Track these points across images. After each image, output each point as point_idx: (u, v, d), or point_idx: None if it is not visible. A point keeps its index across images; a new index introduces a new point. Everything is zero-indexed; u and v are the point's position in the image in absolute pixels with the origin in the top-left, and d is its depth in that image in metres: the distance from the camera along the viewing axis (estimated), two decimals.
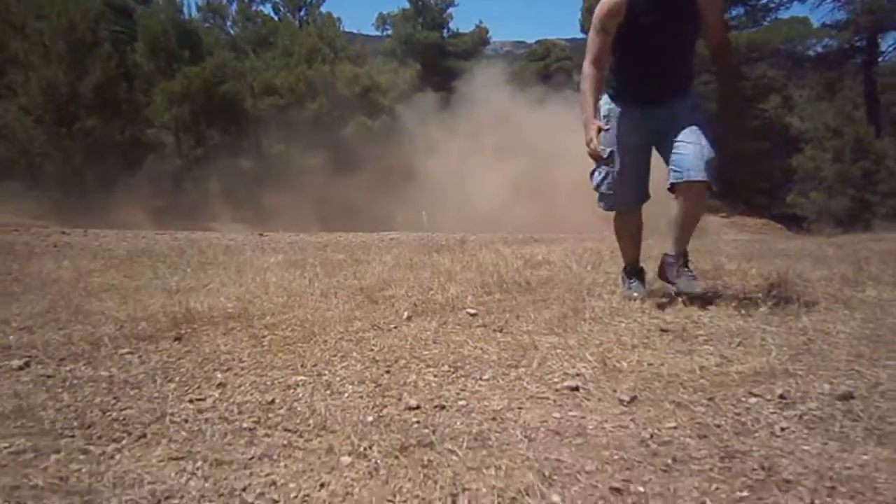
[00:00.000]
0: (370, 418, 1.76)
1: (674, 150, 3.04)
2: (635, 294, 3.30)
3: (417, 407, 1.84)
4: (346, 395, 1.97)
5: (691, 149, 2.99)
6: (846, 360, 2.14)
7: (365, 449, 1.55)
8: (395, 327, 2.80)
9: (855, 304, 3.03)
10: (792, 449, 1.52)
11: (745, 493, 1.35)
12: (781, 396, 1.82)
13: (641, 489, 1.38)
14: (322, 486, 1.40)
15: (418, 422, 1.74)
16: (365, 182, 18.89)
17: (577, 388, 1.96)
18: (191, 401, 1.94)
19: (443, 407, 1.84)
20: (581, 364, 2.18)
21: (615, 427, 1.67)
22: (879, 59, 24.81)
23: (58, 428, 1.72)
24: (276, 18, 25.23)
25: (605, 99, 3.27)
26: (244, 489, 1.39)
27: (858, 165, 18.88)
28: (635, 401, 1.84)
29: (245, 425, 1.73)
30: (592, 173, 3.32)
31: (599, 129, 2.97)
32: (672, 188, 3.08)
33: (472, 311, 3.01)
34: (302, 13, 25.64)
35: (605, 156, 3.07)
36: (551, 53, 35.02)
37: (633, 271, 3.52)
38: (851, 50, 24.34)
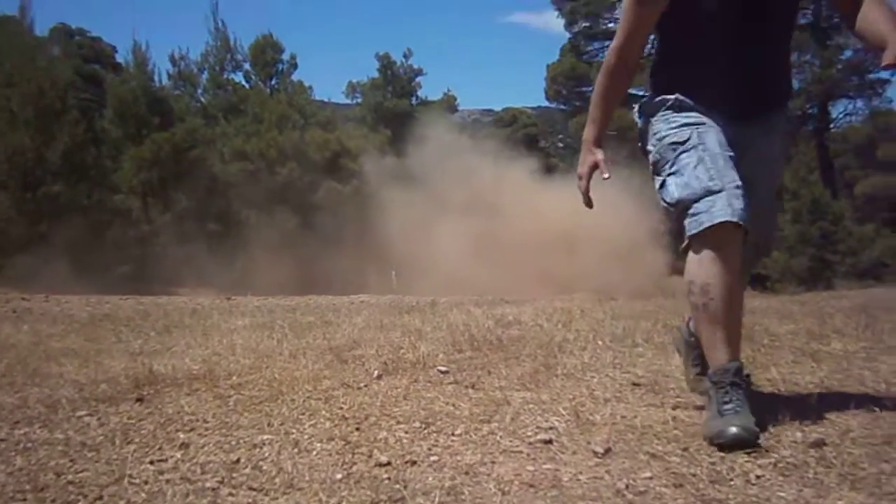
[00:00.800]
0: (339, 475, 1.71)
1: None
2: (737, 430, 1.79)
3: (388, 463, 1.79)
4: (315, 452, 1.91)
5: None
6: (816, 410, 2.15)
7: None
8: (365, 385, 2.75)
9: (821, 356, 3.07)
10: (768, 496, 1.50)
11: None
12: (755, 445, 1.81)
13: None
14: None
15: (389, 478, 1.69)
16: (335, 246, 18.87)
17: (550, 441, 1.93)
18: (151, 462, 1.86)
19: (414, 462, 1.80)
20: (554, 418, 2.16)
21: (590, 478, 1.64)
22: (831, 126, 25.97)
23: (9, 491, 1.64)
24: (246, 86, 25.54)
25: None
26: None
27: (817, 226, 19.46)
28: (609, 452, 1.82)
29: (208, 485, 1.66)
30: (670, 172, 2.04)
31: (595, 166, 2.16)
32: None
33: (444, 369, 2.98)
34: (273, 82, 25.99)
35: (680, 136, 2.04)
36: (518, 120, 35.92)
37: (734, 378, 1.94)
38: (804, 117, 25.45)
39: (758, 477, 1.61)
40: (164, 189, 20.47)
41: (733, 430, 1.78)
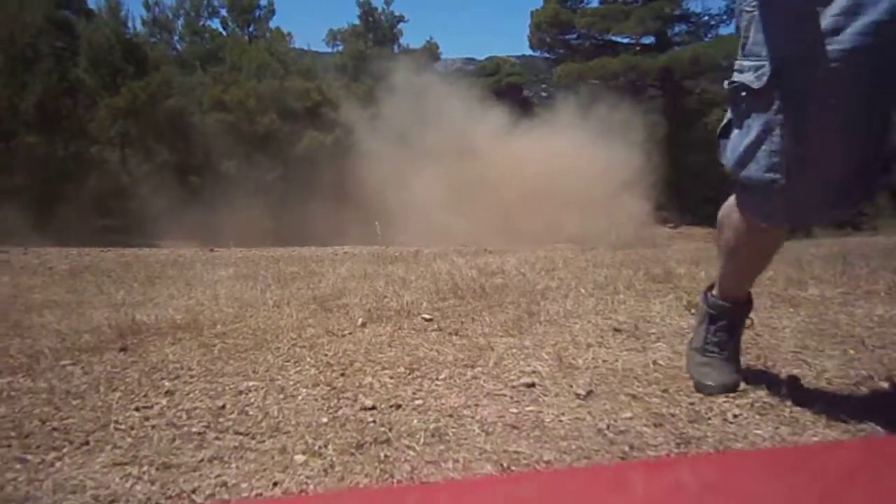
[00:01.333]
0: (325, 419, 1.73)
1: None
2: (722, 378, 1.81)
3: (373, 407, 1.81)
4: (300, 398, 1.93)
5: None
6: (793, 352, 2.20)
7: (320, 448, 1.52)
8: (350, 333, 2.76)
9: (799, 301, 3.12)
10: (745, 433, 1.54)
11: None
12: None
13: None
14: (275, 484, 1.36)
15: (374, 421, 1.71)
16: (318, 197, 18.74)
17: (533, 385, 1.95)
18: (137, 409, 1.87)
19: (399, 406, 1.82)
20: (537, 363, 2.18)
21: (572, 419, 1.67)
22: None
23: None
24: (223, 34, 24.91)
25: None
26: (193, 491, 1.34)
27: None
28: (591, 395, 1.85)
29: (194, 430, 1.67)
30: (728, 129, 1.53)
31: None
32: None
33: (428, 317, 3.00)
34: (251, 29, 25.37)
35: (759, 80, 1.38)
36: (501, 69, 35.46)
37: (733, 317, 1.88)
38: None
39: (735, 416, 1.65)
40: (141, 140, 20.12)
41: (710, 384, 1.80)
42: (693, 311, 2.89)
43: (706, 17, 25.81)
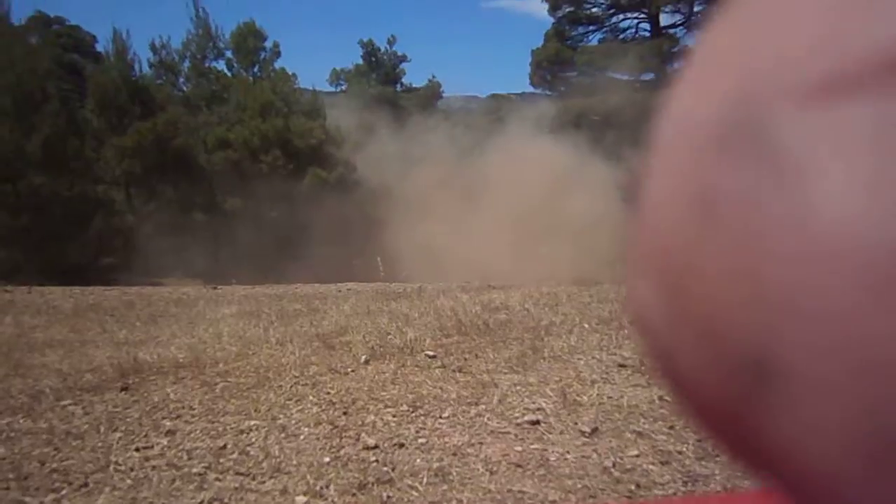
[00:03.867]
0: (327, 459, 1.70)
1: None
2: None
3: (376, 446, 1.79)
4: (302, 437, 1.91)
5: None
6: None
7: (321, 488, 1.50)
8: (353, 370, 2.74)
9: None
10: None
11: None
12: None
13: None
14: None
15: (377, 460, 1.69)
16: (321, 233, 18.79)
17: (538, 422, 1.93)
18: (137, 449, 1.85)
19: (402, 445, 1.80)
20: (541, 399, 2.16)
21: (577, 457, 1.65)
22: None
23: None
24: (229, 75, 25.27)
25: None
26: None
27: None
28: (597, 432, 1.83)
29: (195, 470, 1.65)
30: None
31: None
32: None
33: (431, 353, 2.98)
34: (255, 70, 25.73)
35: None
36: (503, 107, 35.85)
37: None
38: None
39: None
40: (147, 179, 20.26)
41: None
42: None
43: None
